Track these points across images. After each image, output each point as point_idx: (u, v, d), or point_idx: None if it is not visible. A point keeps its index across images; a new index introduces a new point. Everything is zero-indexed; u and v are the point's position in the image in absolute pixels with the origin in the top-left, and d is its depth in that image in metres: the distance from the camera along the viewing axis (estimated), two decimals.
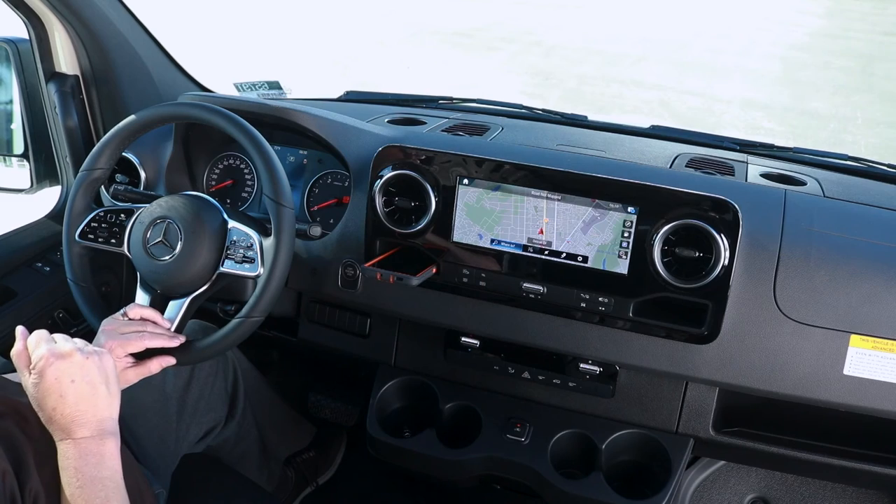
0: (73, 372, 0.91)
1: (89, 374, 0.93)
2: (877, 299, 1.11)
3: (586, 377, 1.28)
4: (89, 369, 0.93)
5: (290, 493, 1.76)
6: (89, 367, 0.93)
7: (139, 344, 1.10)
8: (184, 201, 1.22)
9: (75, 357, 0.92)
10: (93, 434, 0.91)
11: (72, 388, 0.91)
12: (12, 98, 1.61)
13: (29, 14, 1.50)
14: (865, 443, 1.25)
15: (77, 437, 0.90)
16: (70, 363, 0.92)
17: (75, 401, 0.90)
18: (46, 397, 0.90)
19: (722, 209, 1.10)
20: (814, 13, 10.78)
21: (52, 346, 0.93)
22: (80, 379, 0.91)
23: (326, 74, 6.47)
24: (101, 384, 0.93)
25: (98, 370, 0.94)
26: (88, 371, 0.93)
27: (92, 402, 0.92)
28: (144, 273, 1.22)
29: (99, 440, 0.91)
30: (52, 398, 0.90)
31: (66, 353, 0.92)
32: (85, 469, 0.89)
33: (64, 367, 0.91)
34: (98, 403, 0.92)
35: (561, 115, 1.72)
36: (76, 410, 0.90)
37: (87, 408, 0.91)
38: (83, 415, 0.91)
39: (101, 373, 0.94)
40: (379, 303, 1.33)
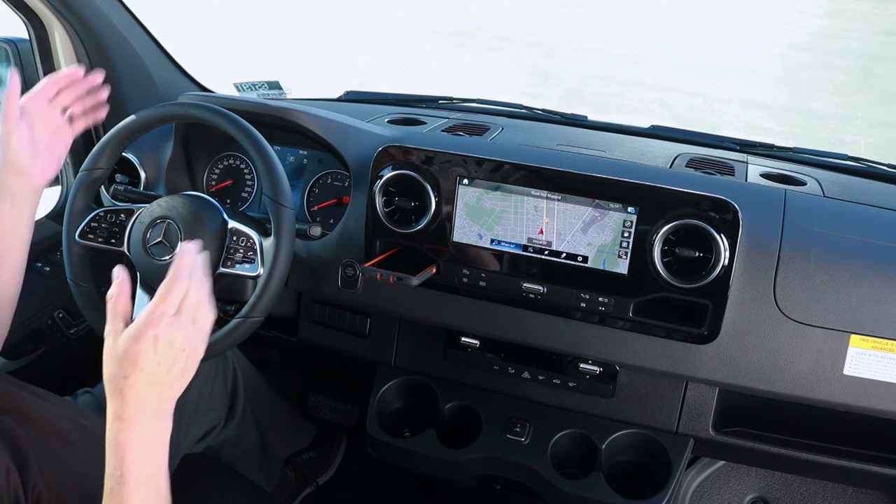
0: (175, 355, 0.80)
1: (184, 360, 0.81)
2: (877, 299, 1.11)
3: (586, 377, 1.28)
4: (192, 355, 0.82)
5: (290, 493, 1.76)
6: (192, 352, 0.82)
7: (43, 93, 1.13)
8: (184, 201, 1.22)
9: (194, 336, 0.82)
10: (151, 421, 0.80)
11: (158, 369, 0.79)
12: None
13: (29, 14, 1.50)
14: (865, 443, 1.25)
15: (132, 421, 0.78)
16: (185, 338, 0.81)
17: (152, 381, 0.79)
18: (126, 361, 0.78)
19: (722, 209, 1.10)
20: (814, 13, 10.77)
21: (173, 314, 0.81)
22: (171, 363, 0.80)
23: (326, 74, 6.47)
24: (182, 374, 0.82)
25: (190, 359, 0.82)
26: (192, 356, 0.82)
27: (168, 386, 0.80)
28: (144, 273, 1.22)
29: (153, 430, 0.80)
30: (129, 366, 0.78)
31: (184, 324, 0.81)
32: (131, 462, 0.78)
33: (179, 340, 0.80)
34: (171, 389, 0.81)
35: (561, 115, 1.72)
36: (148, 390, 0.79)
37: (158, 391, 0.80)
38: (151, 398, 0.79)
39: (191, 362, 0.83)
40: (379, 303, 1.34)
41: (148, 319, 0.80)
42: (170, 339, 0.80)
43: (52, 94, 1.13)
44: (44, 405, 0.98)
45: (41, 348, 1.56)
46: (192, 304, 0.83)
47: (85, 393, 1.31)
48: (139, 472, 0.78)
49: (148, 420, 0.80)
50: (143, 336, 0.79)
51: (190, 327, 0.82)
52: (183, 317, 0.82)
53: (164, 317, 0.80)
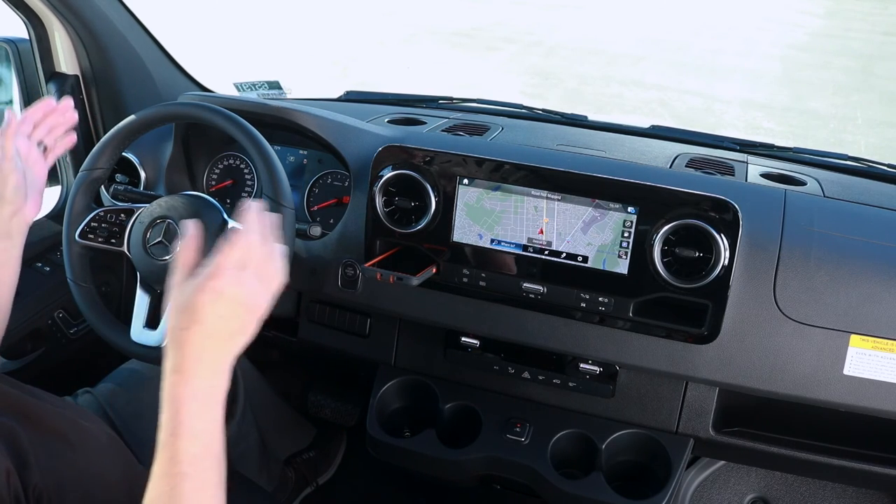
0: (245, 313, 0.78)
1: (255, 312, 0.79)
2: (877, 299, 1.11)
3: (586, 377, 1.28)
4: (260, 310, 0.79)
5: (290, 493, 1.76)
6: (260, 307, 0.79)
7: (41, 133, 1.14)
8: (184, 201, 1.22)
9: (262, 294, 0.79)
10: (206, 375, 0.77)
11: (222, 322, 0.76)
12: (12, 98, 1.61)
13: (29, 14, 1.50)
14: (865, 443, 1.25)
15: (189, 374, 0.76)
16: (253, 293, 0.78)
17: (213, 333, 0.76)
18: (202, 309, 0.75)
19: (722, 209, 1.10)
20: (814, 13, 10.78)
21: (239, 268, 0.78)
22: (238, 317, 0.78)
23: (326, 74, 6.47)
24: (247, 331, 0.79)
25: (262, 310, 0.80)
26: (257, 307, 0.79)
27: (228, 340, 0.78)
28: (144, 273, 1.22)
29: (210, 384, 0.77)
30: (188, 317, 0.75)
31: (255, 280, 0.78)
32: (185, 416, 0.76)
33: (247, 298, 0.77)
34: (233, 343, 0.78)
35: (561, 115, 1.72)
36: (205, 344, 0.76)
37: (216, 344, 0.77)
38: (211, 351, 0.76)
39: (260, 313, 0.80)
40: (379, 303, 1.33)
41: (212, 272, 0.77)
42: (232, 293, 0.77)
43: (30, 129, 1.14)
44: (43, 406, 0.98)
45: (41, 348, 1.56)
46: (257, 259, 0.80)
47: (85, 393, 1.31)
48: (193, 426, 0.77)
49: (205, 374, 0.77)
50: (206, 288, 0.76)
51: (254, 283, 0.79)
52: (247, 272, 0.79)
53: (227, 270, 0.77)
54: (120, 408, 1.28)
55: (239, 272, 0.78)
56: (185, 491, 0.74)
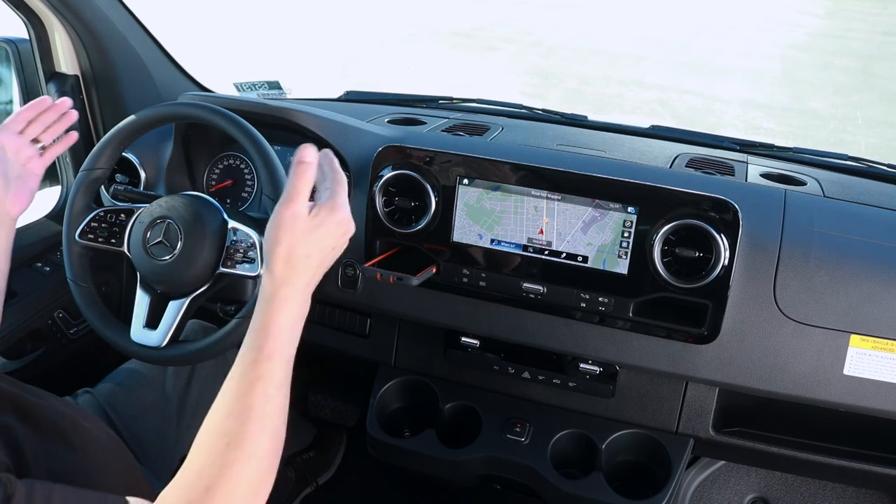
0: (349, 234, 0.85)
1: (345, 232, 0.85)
2: (877, 299, 1.11)
3: (586, 377, 1.28)
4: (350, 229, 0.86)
5: (290, 493, 1.76)
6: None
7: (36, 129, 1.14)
8: (184, 201, 1.22)
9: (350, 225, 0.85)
10: (303, 301, 0.83)
11: (331, 254, 0.85)
12: (12, 98, 1.61)
13: (29, 14, 1.50)
14: (865, 443, 1.25)
15: (292, 299, 0.82)
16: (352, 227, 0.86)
17: (325, 263, 0.85)
18: (331, 234, 0.83)
19: (722, 209, 1.10)
20: (814, 13, 10.78)
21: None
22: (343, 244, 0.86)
23: (326, 74, 6.47)
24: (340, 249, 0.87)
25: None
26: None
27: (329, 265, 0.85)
28: (144, 273, 1.22)
29: (301, 309, 0.84)
30: (319, 249, 0.82)
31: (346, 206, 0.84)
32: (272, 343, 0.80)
33: (351, 227, 0.85)
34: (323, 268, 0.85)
35: (561, 115, 1.72)
36: (317, 276, 0.85)
37: (322, 271, 0.85)
38: (316, 279, 0.85)
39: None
40: (379, 303, 1.33)
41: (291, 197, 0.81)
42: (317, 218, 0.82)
43: (21, 126, 1.15)
44: (43, 405, 0.98)
45: (41, 348, 1.56)
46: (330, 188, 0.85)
47: (85, 393, 1.31)
48: (283, 352, 0.81)
49: (299, 298, 0.82)
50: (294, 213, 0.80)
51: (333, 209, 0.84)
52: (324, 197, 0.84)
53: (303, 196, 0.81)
54: (120, 408, 1.28)
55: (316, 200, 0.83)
56: (257, 392, 0.78)
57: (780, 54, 8.26)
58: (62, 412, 1.00)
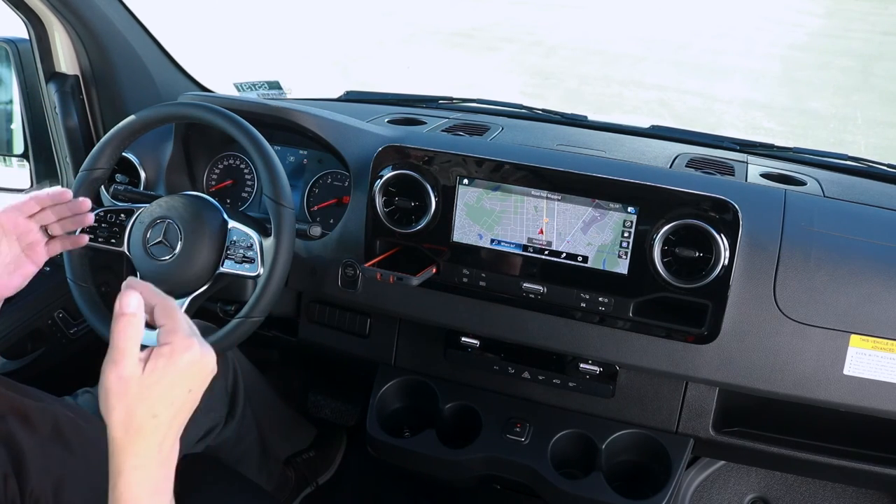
0: (200, 384, 0.74)
1: (205, 383, 0.74)
2: (877, 299, 1.11)
3: (586, 377, 1.28)
4: (208, 379, 0.75)
5: (290, 493, 1.76)
6: (209, 376, 0.75)
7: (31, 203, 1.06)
8: (184, 201, 1.22)
9: (211, 362, 0.74)
10: (161, 464, 0.72)
11: (187, 397, 0.72)
12: (12, 98, 1.61)
13: (29, 14, 1.50)
14: (865, 443, 1.25)
15: (142, 467, 0.71)
16: (211, 365, 0.74)
17: (177, 414, 0.71)
18: (154, 396, 0.70)
19: (722, 209, 1.10)
20: (814, 13, 10.77)
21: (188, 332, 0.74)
22: (198, 390, 0.73)
23: (326, 74, 6.47)
24: (196, 401, 0.74)
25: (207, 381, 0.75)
26: (207, 380, 0.74)
27: (185, 420, 0.73)
28: (144, 273, 1.22)
29: (158, 465, 0.72)
30: (158, 404, 0.70)
31: (209, 349, 0.75)
32: (122, 487, 0.72)
33: (205, 370, 0.73)
34: (185, 422, 0.74)
35: (561, 115, 1.72)
36: (170, 431, 0.72)
37: (178, 428, 0.73)
38: (171, 438, 0.72)
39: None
40: (379, 303, 1.33)
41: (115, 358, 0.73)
42: (195, 360, 0.73)
43: (33, 210, 1.07)
44: (42, 408, 0.98)
45: (41, 348, 1.56)
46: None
47: (85, 393, 1.31)
48: (137, 494, 0.73)
49: (153, 463, 0.73)
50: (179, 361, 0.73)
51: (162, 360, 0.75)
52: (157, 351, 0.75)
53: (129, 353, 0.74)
54: None
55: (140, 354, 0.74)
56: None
57: (780, 54, 8.26)
58: (62, 414, 1.00)
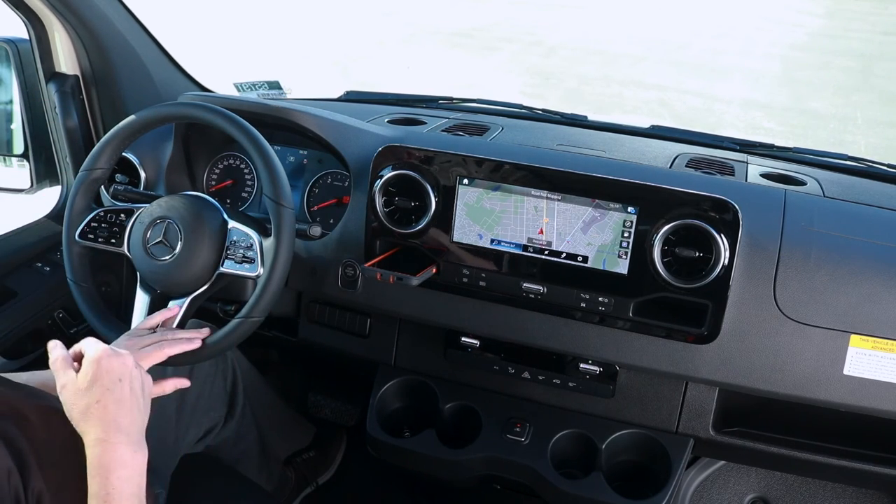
0: (123, 372, 0.94)
1: (135, 381, 0.95)
2: (877, 299, 1.11)
3: (586, 377, 1.28)
4: (136, 377, 0.96)
5: (289, 493, 1.76)
6: (136, 375, 0.96)
7: (160, 355, 1.10)
8: (184, 201, 1.22)
9: (128, 360, 0.95)
10: (129, 442, 0.91)
11: (119, 386, 0.92)
12: (12, 98, 1.61)
13: (29, 14, 1.50)
14: (865, 443, 1.25)
15: (113, 441, 0.89)
16: (123, 363, 0.94)
17: (119, 399, 0.92)
18: (93, 387, 0.91)
19: (722, 209, 1.10)
20: (814, 13, 10.77)
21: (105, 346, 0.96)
22: (127, 381, 0.94)
23: (326, 74, 6.47)
24: (141, 396, 0.96)
25: (140, 382, 0.96)
26: (135, 378, 0.95)
27: (133, 407, 0.93)
28: (144, 273, 1.22)
29: (132, 450, 0.91)
30: (98, 390, 0.91)
31: (122, 353, 0.96)
32: (115, 481, 0.88)
33: (117, 364, 0.93)
34: (137, 412, 0.94)
35: (561, 115, 1.72)
36: (119, 409, 0.91)
37: (127, 412, 0.92)
38: (123, 417, 0.91)
39: (142, 386, 0.97)
40: (379, 303, 1.33)
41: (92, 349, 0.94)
42: (118, 360, 0.94)
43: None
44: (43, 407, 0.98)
45: (41, 348, 1.56)
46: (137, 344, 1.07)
47: None
48: (123, 490, 0.87)
49: (126, 441, 0.91)
50: (96, 361, 0.93)
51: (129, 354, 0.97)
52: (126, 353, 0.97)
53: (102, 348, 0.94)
54: None
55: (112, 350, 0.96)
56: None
57: (780, 54, 8.26)
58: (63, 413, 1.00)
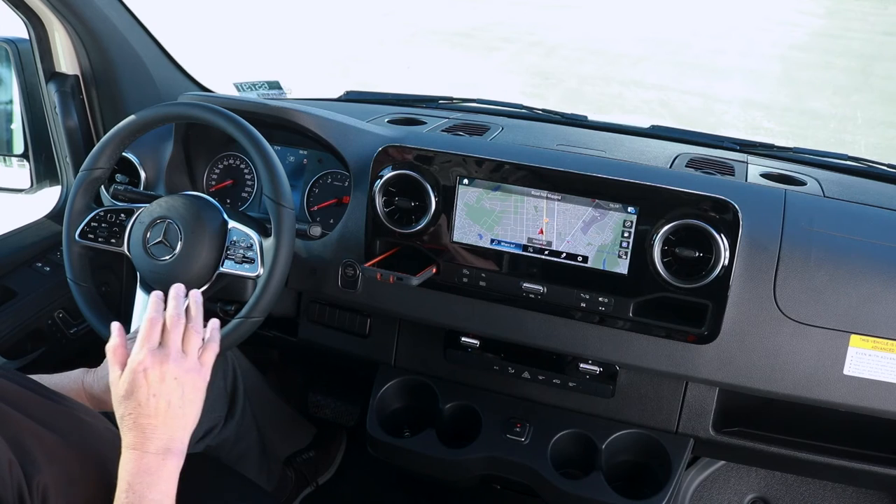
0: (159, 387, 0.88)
1: (174, 393, 0.89)
2: (877, 299, 1.11)
3: (586, 377, 1.28)
4: (175, 389, 0.89)
5: (289, 493, 1.76)
6: (175, 387, 0.89)
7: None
8: (184, 201, 1.22)
9: (170, 369, 0.89)
10: (157, 450, 0.88)
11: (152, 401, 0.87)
12: (12, 98, 1.61)
13: (29, 14, 1.50)
14: (865, 443, 1.25)
15: (141, 450, 0.87)
16: (161, 376, 0.88)
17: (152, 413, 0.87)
18: (129, 398, 0.87)
19: (722, 209, 1.10)
20: (814, 13, 10.77)
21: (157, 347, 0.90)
22: (164, 395, 0.88)
23: (326, 74, 6.47)
24: (181, 405, 0.90)
25: (181, 394, 0.90)
26: (174, 390, 0.89)
27: (167, 418, 0.88)
28: (144, 273, 1.22)
29: (160, 458, 0.88)
30: (132, 403, 0.87)
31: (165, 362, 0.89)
32: (138, 486, 0.85)
33: (154, 377, 0.88)
34: (172, 422, 0.89)
35: (561, 115, 1.72)
36: (150, 422, 0.87)
37: (160, 424, 0.88)
38: (154, 430, 0.87)
39: (182, 395, 0.90)
40: (379, 303, 1.33)
41: (134, 356, 0.89)
42: (159, 371, 0.88)
43: None
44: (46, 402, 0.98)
45: (41, 348, 1.56)
46: (177, 335, 0.91)
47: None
48: (145, 495, 0.85)
49: (155, 449, 0.87)
50: (135, 372, 0.88)
51: (179, 358, 0.90)
52: (169, 349, 0.90)
53: (148, 350, 0.89)
54: None
55: (159, 350, 0.89)
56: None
57: (780, 54, 8.26)
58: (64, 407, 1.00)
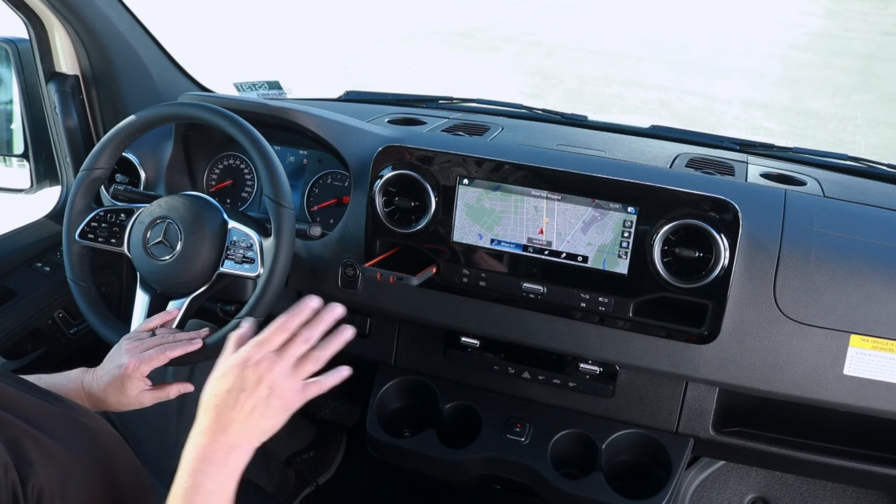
0: (249, 387, 0.84)
1: (259, 396, 0.85)
2: (877, 299, 1.11)
3: (586, 377, 1.28)
4: (262, 395, 0.85)
5: (290, 493, 1.76)
6: (263, 394, 0.85)
7: (162, 358, 1.08)
8: (184, 201, 1.22)
9: (264, 374, 0.85)
10: (226, 443, 0.85)
11: (238, 396, 0.84)
12: (12, 98, 1.61)
13: (29, 14, 1.50)
14: (865, 443, 1.25)
15: (211, 439, 0.84)
16: (257, 377, 0.84)
17: (235, 408, 0.84)
18: (219, 388, 0.84)
19: (722, 209, 1.10)
20: (814, 13, 10.77)
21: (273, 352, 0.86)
22: (250, 395, 0.84)
23: (326, 74, 6.47)
24: (266, 409, 0.85)
25: (265, 400, 0.85)
26: (260, 395, 0.85)
27: (247, 417, 0.84)
28: (144, 273, 1.22)
29: (226, 451, 0.84)
30: (222, 394, 0.84)
31: (263, 362, 0.85)
32: (198, 474, 0.82)
33: (251, 377, 0.84)
34: (252, 421, 0.85)
35: (561, 115, 1.72)
36: (230, 415, 0.84)
37: (239, 420, 0.84)
38: (232, 423, 0.84)
39: (266, 401, 0.85)
40: (379, 303, 1.34)
41: (249, 349, 0.86)
42: (260, 372, 0.84)
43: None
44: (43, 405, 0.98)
45: (41, 348, 1.56)
46: (297, 351, 0.88)
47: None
48: (203, 484, 0.82)
49: (225, 441, 0.84)
50: (243, 362, 0.85)
51: (286, 371, 0.86)
52: (284, 358, 0.86)
53: (264, 351, 0.85)
54: None
55: (275, 355, 0.86)
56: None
57: (780, 54, 8.26)
58: (62, 409, 1.00)
